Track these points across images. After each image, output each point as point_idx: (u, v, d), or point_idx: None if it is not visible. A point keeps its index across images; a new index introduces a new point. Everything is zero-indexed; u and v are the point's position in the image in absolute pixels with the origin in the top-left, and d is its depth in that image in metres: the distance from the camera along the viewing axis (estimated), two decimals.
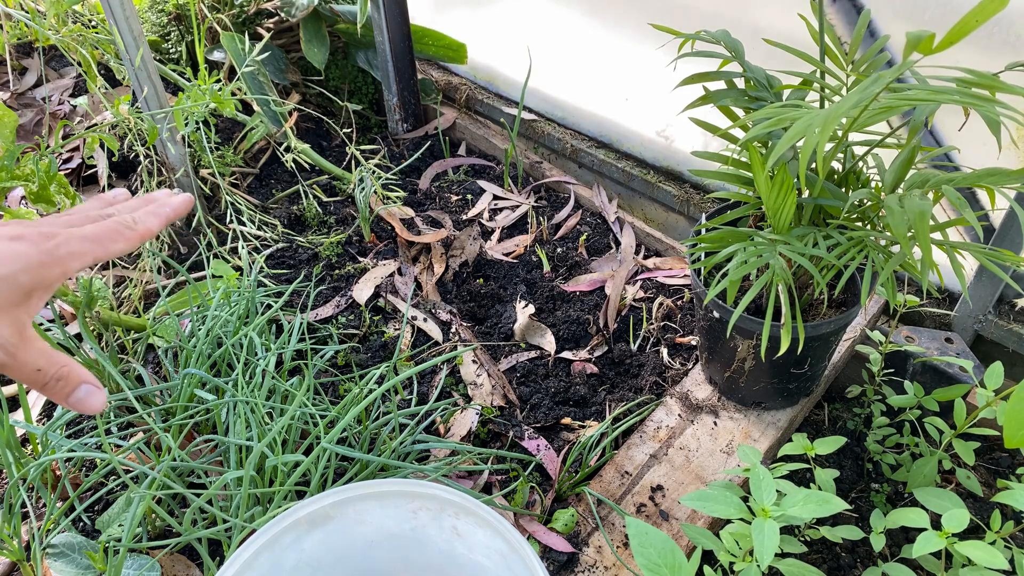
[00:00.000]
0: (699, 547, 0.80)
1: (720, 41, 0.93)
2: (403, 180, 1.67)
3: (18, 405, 1.17)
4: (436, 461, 1.05)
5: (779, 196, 0.83)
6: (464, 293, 1.38)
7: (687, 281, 1.39)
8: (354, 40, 1.77)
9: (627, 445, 1.09)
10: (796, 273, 0.94)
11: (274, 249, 1.47)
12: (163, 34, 1.78)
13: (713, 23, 1.23)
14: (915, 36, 0.64)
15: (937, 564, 0.82)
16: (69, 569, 0.91)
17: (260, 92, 1.56)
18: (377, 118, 1.86)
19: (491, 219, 1.58)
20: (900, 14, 1.08)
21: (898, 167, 0.84)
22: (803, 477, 1.13)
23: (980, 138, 1.04)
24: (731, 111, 0.96)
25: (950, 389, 0.99)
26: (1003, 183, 0.73)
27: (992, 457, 1.15)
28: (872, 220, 0.89)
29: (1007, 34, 1.00)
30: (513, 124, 1.65)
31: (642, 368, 1.23)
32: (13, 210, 1.10)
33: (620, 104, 1.56)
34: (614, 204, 1.57)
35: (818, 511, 0.76)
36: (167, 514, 0.93)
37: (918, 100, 0.66)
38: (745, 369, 1.05)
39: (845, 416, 1.23)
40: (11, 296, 0.47)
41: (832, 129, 0.64)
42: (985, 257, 0.78)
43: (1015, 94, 0.66)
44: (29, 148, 1.60)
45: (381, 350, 1.27)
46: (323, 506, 0.74)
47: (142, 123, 1.34)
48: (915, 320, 1.28)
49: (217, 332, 1.11)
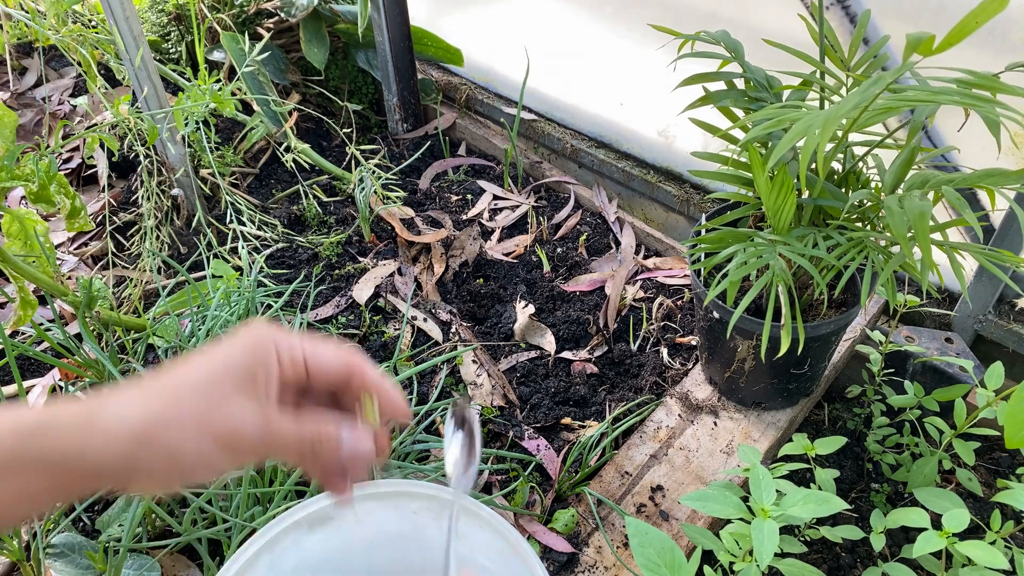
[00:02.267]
0: (699, 547, 0.80)
1: (720, 42, 0.93)
2: (403, 180, 1.67)
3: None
4: (436, 461, 1.05)
5: (779, 197, 0.83)
6: (464, 293, 1.38)
7: (687, 281, 1.39)
8: (354, 40, 1.77)
9: (627, 445, 1.09)
10: (796, 273, 0.94)
11: (274, 249, 1.47)
12: (163, 34, 1.78)
13: (713, 24, 1.23)
14: (915, 37, 0.64)
15: (937, 564, 0.82)
16: (69, 569, 0.91)
17: (260, 92, 1.56)
18: (377, 118, 1.86)
19: (491, 219, 1.58)
20: (901, 15, 1.08)
21: (898, 168, 0.84)
22: (803, 477, 1.13)
23: (980, 139, 1.04)
24: (731, 112, 0.96)
25: (950, 389, 0.99)
26: (1003, 184, 0.73)
27: (992, 457, 1.15)
28: (872, 221, 0.89)
29: (1004, 40, 1.00)
30: (513, 124, 1.65)
31: (642, 368, 1.23)
32: (13, 210, 1.10)
33: (620, 104, 1.56)
34: (614, 204, 1.57)
35: (818, 511, 0.76)
36: (167, 514, 0.93)
37: (918, 101, 0.66)
38: (745, 369, 1.05)
39: (845, 416, 1.23)
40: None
41: (832, 130, 0.64)
42: (985, 258, 0.78)
43: (1015, 95, 0.66)
44: (29, 148, 1.60)
45: (381, 350, 1.27)
46: (323, 507, 0.74)
47: (142, 123, 1.34)
48: (915, 320, 1.28)
49: (217, 332, 1.11)
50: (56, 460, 0.42)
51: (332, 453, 0.48)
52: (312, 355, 0.49)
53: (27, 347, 1.07)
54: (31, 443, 0.42)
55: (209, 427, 0.44)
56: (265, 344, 0.47)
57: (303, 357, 0.48)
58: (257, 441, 0.45)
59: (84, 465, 0.42)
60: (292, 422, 0.47)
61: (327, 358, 0.49)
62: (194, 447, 0.44)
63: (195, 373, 0.46)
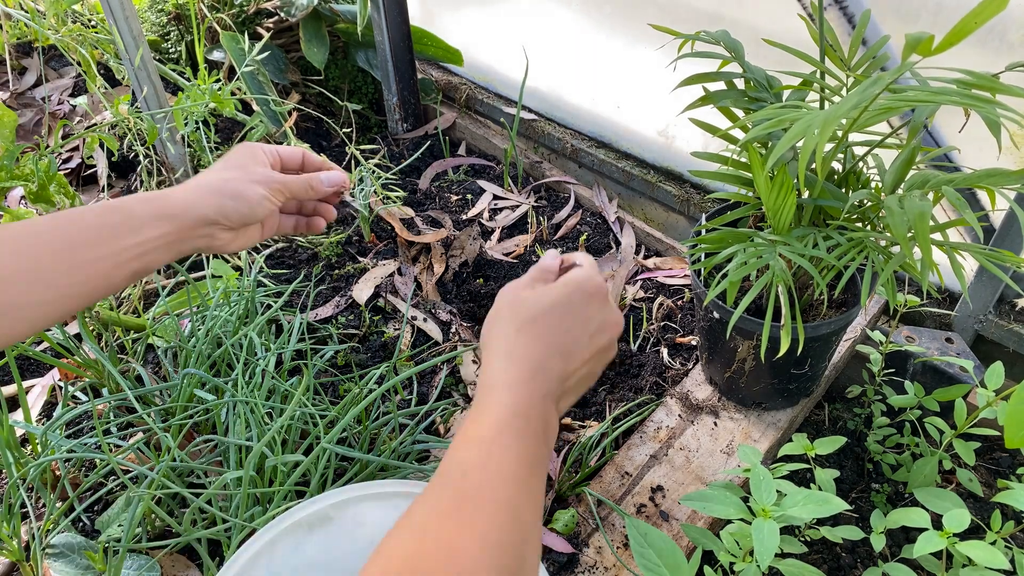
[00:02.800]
0: (699, 547, 0.80)
1: (720, 42, 0.93)
2: (403, 180, 1.67)
3: (18, 405, 1.17)
4: (436, 461, 1.05)
5: (779, 197, 0.83)
6: (464, 293, 1.38)
7: (687, 281, 1.39)
8: (354, 40, 1.77)
9: (627, 445, 1.09)
10: (796, 274, 0.94)
11: (274, 249, 1.47)
12: (163, 34, 1.78)
13: (713, 24, 1.23)
14: (914, 38, 0.64)
15: (938, 564, 0.82)
16: (69, 569, 0.91)
17: (260, 92, 1.56)
18: (377, 118, 1.86)
19: (491, 219, 1.58)
20: (900, 14, 1.08)
21: (898, 168, 0.84)
22: (803, 477, 1.13)
23: (980, 139, 1.04)
24: (731, 112, 0.96)
25: (950, 389, 0.99)
26: (1003, 184, 0.73)
27: (992, 457, 1.15)
28: (872, 221, 0.89)
29: (1003, 40, 1.00)
30: (513, 124, 1.65)
31: (642, 368, 1.23)
32: (13, 210, 1.10)
33: (619, 104, 1.56)
34: (614, 204, 1.57)
35: (818, 511, 0.76)
36: (167, 514, 0.93)
37: (918, 101, 0.66)
38: (745, 369, 1.05)
39: (845, 416, 1.23)
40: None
41: (832, 130, 0.64)
42: (985, 258, 0.78)
43: (1014, 95, 0.66)
44: (29, 148, 1.60)
45: (381, 350, 1.27)
46: (323, 507, 0.74)
47: (142, 123, 1.34)
48: (915, 320, 1.28)
49: (217, 332, 1.11)
50: (176, 215, 0.69)
51: (320, 186, 0.81)
52: (278, 148, 0.81)
53: (27, 347, 1.07)
54: (154, 206, 0.68)
55: (255, 179, 0.75)
56: (251, 145, 0.79)
57: (275, 151, 0.80)
58: (279, 183, 0.76)
59: (191, 216, 0.70)
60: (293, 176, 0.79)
61: (289, 150, 0.82)
62: (252, 190, 0.74)
63: (223, 162, 0.76)
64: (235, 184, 0.73)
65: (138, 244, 0.66)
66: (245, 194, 0.73)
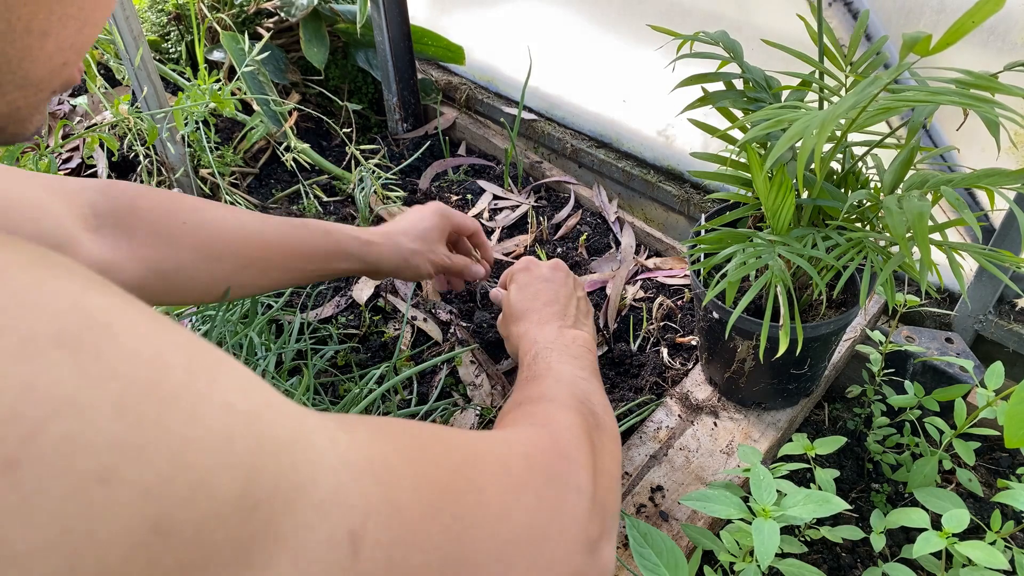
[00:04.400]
0: (699, 547, 0.80)
1: (719, 42, 0.93)
2: (403, 180, 1.67)
3: None
4: None
5: (778, 197, 0.83)
6: (464, 293, 1.38)
7: (687, 281, 1.39)
8: (354, 40, 1.77)
9: (627, 446, 1.09)
10: (795, 274, 0.94)
11: None
12: (163, 34, 1.78)
13: (712, 24, 1.24)
14: (911, 37, 0.64)
15: (937, 564, 0.82)
16: None
17: (260, 92, 1.56)
18: (377, 118, 1.86)
19: (491, 219, 1.58)
20: (900, 14, 1.08)
21: (897, 168, 0.84)
22: (803, 477, 1.13)
23: (979, 139, 1.04)
24: (729, 112, 0.96)
25: (950, 389, 0.99)
26: (1002, 184, 0.73)
27: (992, 457, 1.15)
28: (871, 221, 0.89)
29: (1003, 40, 1.00)
30: (513, 124, 1.65)
31: (642, 368, 1.23)
32: None
33: (620, 104, 1.56)
34: (614, 204, 1.57)
35: (818, 511, 0.76)
36: None
37: (916, 101, 0.66)
38: (745, 370, 1.05)
39: (845, 416, 1.23)
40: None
41: (830, 130, 0.64)
42: (984, 258, 0.78)
43: (1013, 95, 0.66)
44: (29, 148, 1.60)
45: (381, 350, 1.27)
46: None
47: (142, 123, 1.34)
48: (915, 320, 1.28)
49: (217, 332, 1.11)
50: (370, 263, 0.94)
51: (468, 271, 1.09)
52: (459, 222, 1.06)
53: None
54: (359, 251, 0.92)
55: (433, 257, 1.01)
56: (446, 211, 1.04)
57: (458, 224, 1.05)
58: (445, 266, 1.03)
59: (379, 267, 0.95)
60: (457, 256, 1.07)
61: (468, 225, 1.09)
62: (426, 267, 1.00)
63: (418, 224, 1.00)
64: (417, 259, 0.98)
65: (335, 270, 0.91)
66: (420, 269, 0.98)
